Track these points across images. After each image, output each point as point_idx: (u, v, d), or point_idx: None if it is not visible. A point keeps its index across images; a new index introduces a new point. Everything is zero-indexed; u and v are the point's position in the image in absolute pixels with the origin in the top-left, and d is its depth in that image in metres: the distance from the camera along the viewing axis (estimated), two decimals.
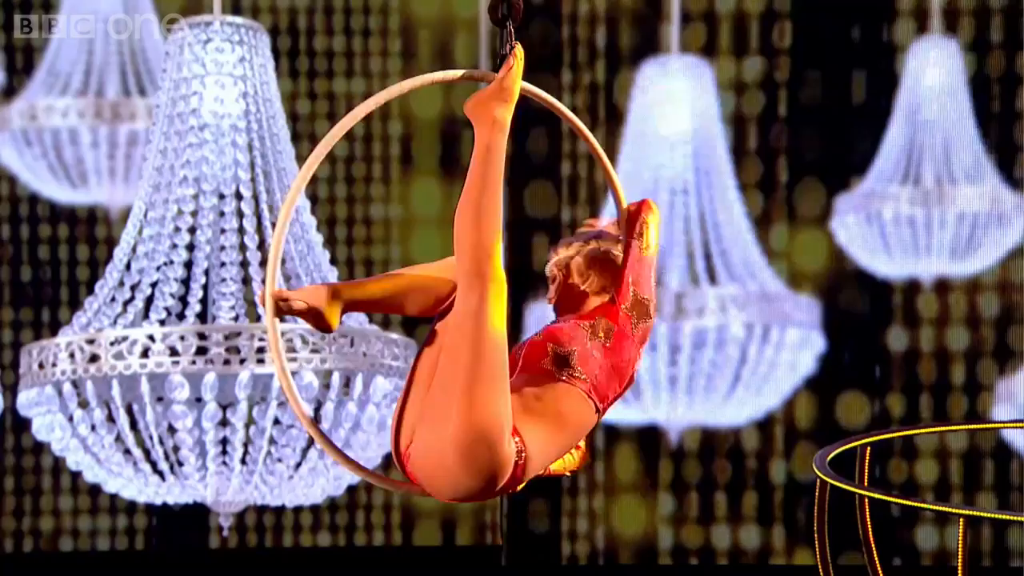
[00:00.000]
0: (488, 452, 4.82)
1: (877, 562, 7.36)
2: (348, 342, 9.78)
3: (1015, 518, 9.73)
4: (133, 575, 11.41)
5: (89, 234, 11.31)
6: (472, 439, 4.79)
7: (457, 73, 5.42)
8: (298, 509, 11.02)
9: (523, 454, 4.90)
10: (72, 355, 9.64)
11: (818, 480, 7.13)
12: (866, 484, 7.36)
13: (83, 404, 9.70)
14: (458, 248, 4.82)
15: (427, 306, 5.16)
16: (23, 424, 10.18)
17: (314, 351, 9.76)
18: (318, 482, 10.14)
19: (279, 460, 9.86)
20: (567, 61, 11.01)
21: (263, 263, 9.96)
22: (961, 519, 6.64)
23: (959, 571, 6.63)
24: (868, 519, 7.33)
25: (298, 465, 9.94)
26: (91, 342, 9.58)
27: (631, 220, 5.10)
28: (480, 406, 4.81)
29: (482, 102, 5.05)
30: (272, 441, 9.79)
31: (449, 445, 4.83)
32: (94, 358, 9.56)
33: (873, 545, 7.34)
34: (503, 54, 5.09)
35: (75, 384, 9.64)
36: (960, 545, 6.66)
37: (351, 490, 10.82)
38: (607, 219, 5.49)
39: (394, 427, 5.08)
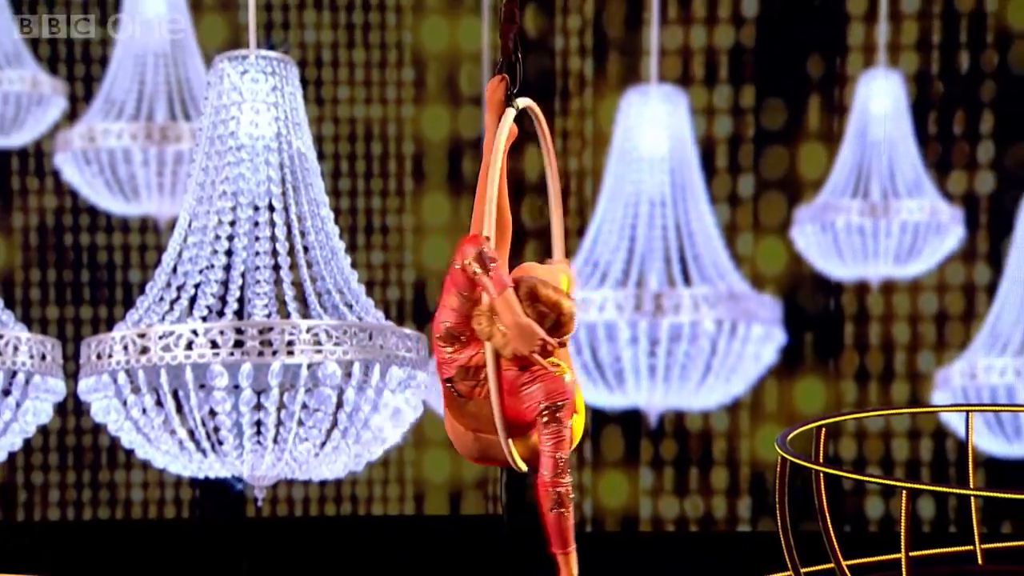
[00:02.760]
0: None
1: (830, 529, 7.30)
2: (367, 336, 9.76)
3: (951, 491, 9.71)
4: (178, 541, 11.35)
5: (140, 242, 11.30)
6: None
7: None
8: (323, 483, 11.06)
9: None
10: (126, 347, 9.65)
11: (779, 457, 7.08)
12: (821, 461, 7.31)
13: (135, 390, 9.71)
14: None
15: None
16: (83, 408, 10.27)
17: (336, 344, 9.76)
18: (340, 459, 10.14)
19: (306, 440, 9.86)
20: (559, 89, 11.04)
21: (293, 267, 10.03)
22: (904, 491, 6.61)
23: (903, 537, 6.63)
24: (823, 491, 7.28)
25: (323, 444, 9.94)
26: (142, 336, 9.57)
27: None
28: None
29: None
30: (300, 423, 9.79)
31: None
32: (145, 350, 9.56)
33: (827, 514, 7.29)
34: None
35: (128, 373, 9.63)
36: (904, 514, 6.65)
37: (370, 466, 10.57)
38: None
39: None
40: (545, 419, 4.97)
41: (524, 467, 5.11)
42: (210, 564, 11.07)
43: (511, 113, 5.13)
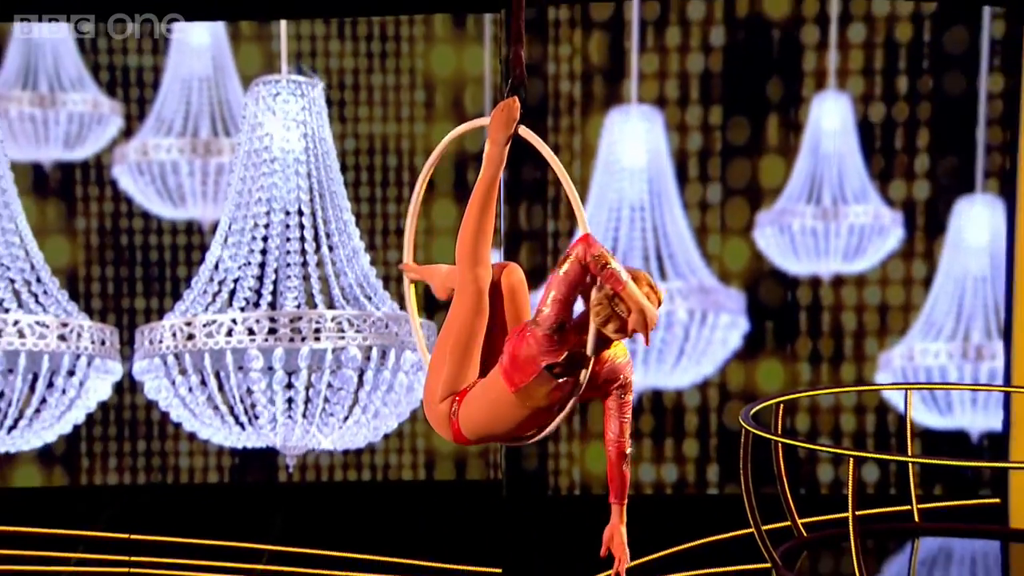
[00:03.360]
0: (429, 408, 4.99)
1: (787, 492, 7.36)
2: (384, 324, 9.78)
3: (892, 458, 9.74)
4: (219, 503, 11.34)
5: (187, 242, 11.21)
6: (425, 394, 5.00)
7: (480, 122, 5.42)
8: (345, 452, 11.06)
9: (455, 414, 4.96)
10: (174, 334, 9.66)
11: (743, 430, 7.13)
12: (779, 433, 7.34)
13: (182, 371, 9.71)
14: (457, 254, 5.06)
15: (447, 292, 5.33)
16: (137, 386, 10.32)
17: (358, 331, 9.77)
18: (360, 431, 10.17)
19: (331, 415, 9.88)
20: (551, 109, 10.97)
21: (319, 264, 9.97)
22: (851, 459, 6.65)
23: (850, 498, 6.63)
24: (781, 459, 7.32)
25: (345, 418, 9.96)
26: (188, 324, 9.61)
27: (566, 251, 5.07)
28: (432, 373, 4.99)
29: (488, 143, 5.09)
30: (326, 400, 9.81)
31: (425, 399, 5.06)
32: (191, 336, 9.60)
33: (784, 479, 7.35)
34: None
35: (176, 356, 9.69)
36: (851, 478, 6.66)
37: (386, 437, 10.59)
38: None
39: None
40: (621, 391, 5.07)
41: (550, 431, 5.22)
42: (247, 523, 10.96)
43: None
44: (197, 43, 10.89)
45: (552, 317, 4.85)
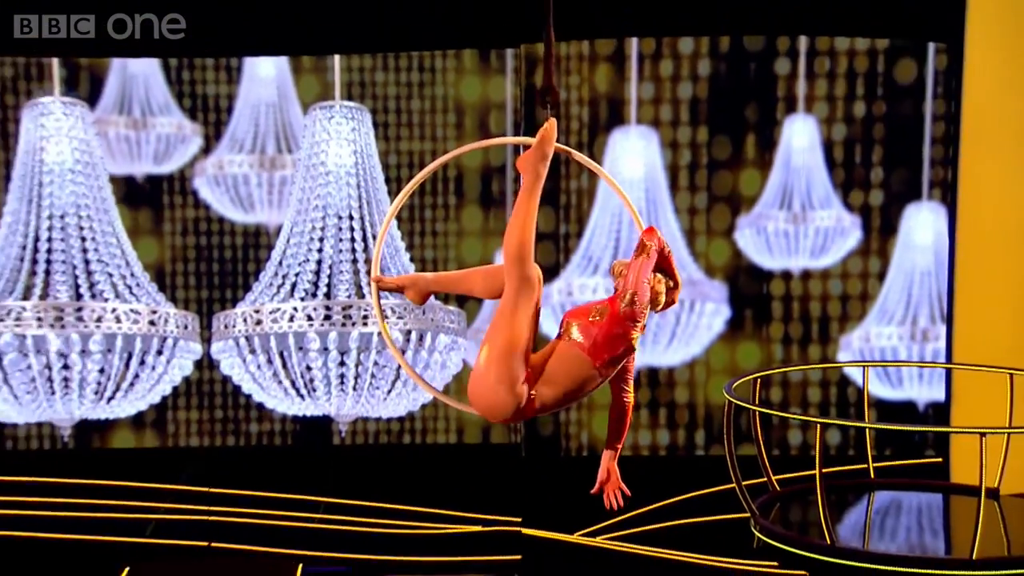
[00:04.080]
0: (509, 389, 4.89)
1: (763, 453, 7.43)
2: (422, 311, 9.84)
3: (852, 424, 9.76)
4: (283, 463, 11.26)
5: (255, 243, 11.17)
6: (495, 384, 4.88)
7: (511, 139, 5.49)
8: (389, 419, 11.01)
9: (533, 395, 4.93)
10: (245, 320, 9.77)
11: (727, 401, 7.17)
12: (756, 403, 7.38)
13: (252, 351, 9.81)
14: (505, 255, 4.95)
15: (492, 292, 5.29)
16: (214, 364, 10.41)
17: (399, 317, 9.84)
18: (402, 402, 10.17)
19: (377, 388, 9.92)
20: (563, 129, 10.89)
21: (367, 260, 10.02)
22: (818, 425, 6.70)
23: (817, 458, 6.66)
24: (758, 425, 7.38)
25: (389, 391, 10.01)
26: (257, 311, 9.72)
27: (639, 242, 5.05)
28: (503, 365, 4.86)
29: (528, 159, 5.13)
30: (372, 376, 9.85)
31: (487, 387, 4.91)
32: (259, 322, 9.71)
33: (760, 442, 7.41)
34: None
35: (247, 339, 9.80)
36: (818, 442, 6.71)
37: (423, 407, 10.79)
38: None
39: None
40: (629, 361, 5.19)
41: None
42: (305, 480, 10.90)
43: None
44: (264, 74, 10.87)
45: (645, 296, 4.94)
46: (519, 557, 10.57)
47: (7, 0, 9.56)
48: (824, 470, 6.73)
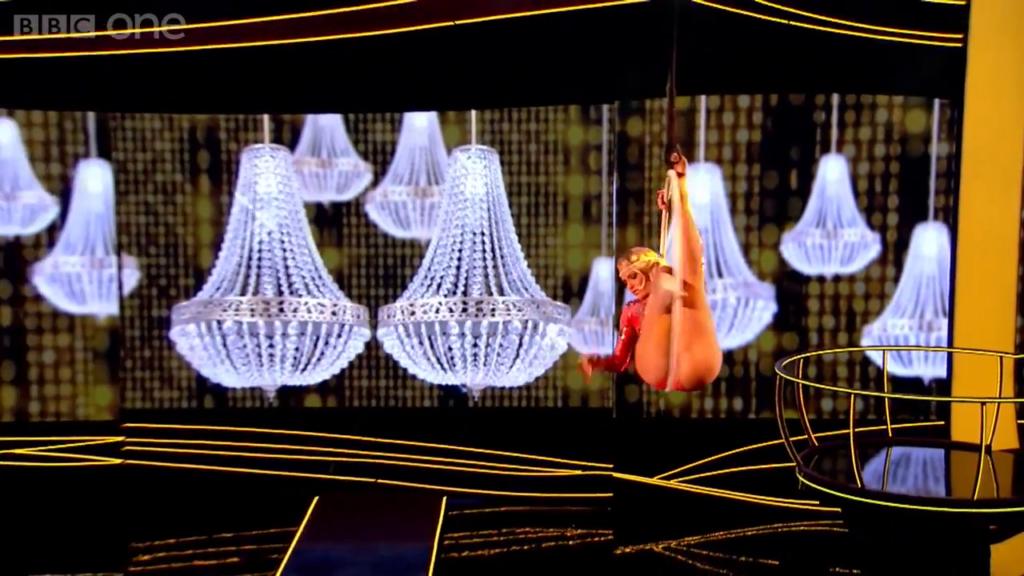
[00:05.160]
0: (713, 366, 5.08)
1: (805, 416, 7.28)
2: (536, 306, 9.78)
3: (873, 394, 9.48)
4: (430, 420, 11.17)
5: (411, 253, 11.10)
6: (712, 360, 5.09)
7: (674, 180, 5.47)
8: (512, 388, 10.96)
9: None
10: (402, 311, 9.75)
11: (778, 376, 7.07)
12: (800, 377, 7.23)
13: (407, 335, 9.78)
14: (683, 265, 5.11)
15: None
16: (379, 344, 10.32)
17: (519, 310, 9.76)
18: (521, 375, 10.10)
19: (501, 364, 9.89)
20: (646, 167, 10.78)
21: (495, 267, 9.87)
22: (851, 395, 6.63)
23: (851, 421, 6.56)
24: (800, 395, 7.22)
25: (510, 367, 9.93)
26: (411, 305, 9.72)
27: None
28: (707, 344, 5.03)
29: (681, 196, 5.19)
30: (497, 355, 9.80)
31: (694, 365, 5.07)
32: (413, 313, 9.70)
33: (803, 408, 7.28)
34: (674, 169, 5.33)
35: (404, 326, 9.76)
36: (851, 409, 6.61)
37: (536, 378, 10.54)
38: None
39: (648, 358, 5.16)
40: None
41: None
42: (446, 433, 10.93)
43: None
44: (419, 125, 10.93)
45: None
46: (611, 494, 10.56)
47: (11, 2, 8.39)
48: (858, 429, 6.67)
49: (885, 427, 7.73)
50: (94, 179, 10.71)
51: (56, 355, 10.81)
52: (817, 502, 8.41)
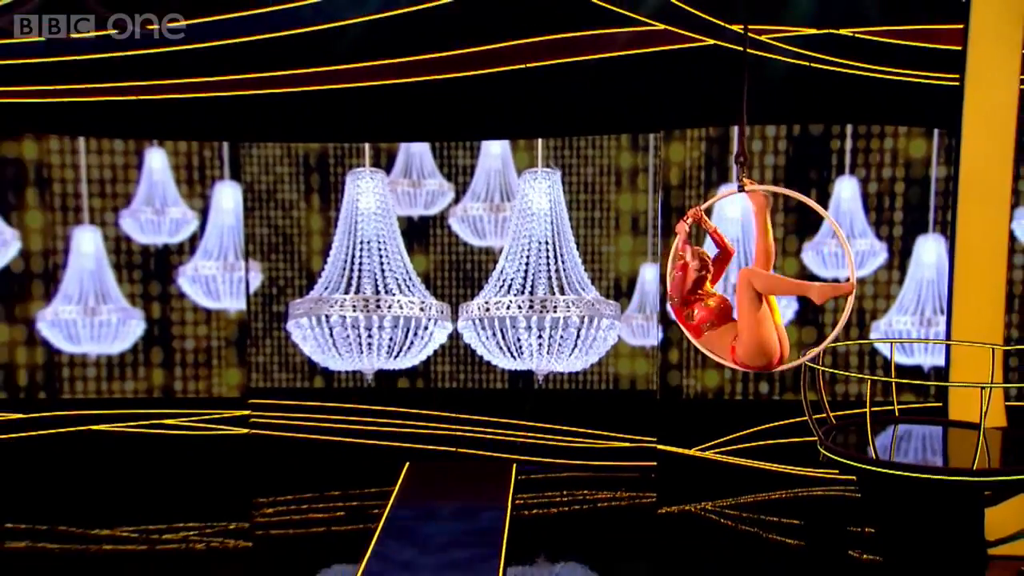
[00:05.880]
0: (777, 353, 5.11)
1: (824, 398, 7.20)
2: (591, 304, 9.68)
3: (883, 379, 9.01)
4: (502, 398, 11.10)
5: (486, 259, 11.16)
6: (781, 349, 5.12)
7: (726, 194, 5.50)
8: (570, 373, 10.97)
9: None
10: (479, 308, 9.70)
11: (804, 365, 6.95)
12: (821, 365, 7.15)
13: (483, 328, 9.72)
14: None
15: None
16: (459, 335, 10.27)
17: (576, 307, 9.68)
18: (578, 362, 9.96)
19: (561, 353, 9.79)
20: (690, 184, 10.69)
21: (557, 271, 9.78)
22: (869, 381, 6.61)
23: (867, 401, 6.54)
24: (821, 380, 7.18)
25: (570, 355, 9.83)
26: (487, 302, 9.68)
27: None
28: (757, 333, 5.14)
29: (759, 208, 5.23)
30: (559, 346, 9.68)
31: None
32: (487, 309, 9.65)
33: (822, 390, 7.21)
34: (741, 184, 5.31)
35: (481, 320, 9.68)
36: (868, 391, 6.58)
37: (591, 365, 10.45)
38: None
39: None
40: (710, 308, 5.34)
41: None
42: (516, 410, 10.97)
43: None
44: (494, 151, 10.99)
45: (671, 283, 5.16)
46: (655, 463, 10.60)
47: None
48: (873, 409, 6.68)
49: (892, 408, 7.68)
50: (227, 197, 11.03)
51: (195, 343, 11.10)
52: (834, 471, 8.56)
